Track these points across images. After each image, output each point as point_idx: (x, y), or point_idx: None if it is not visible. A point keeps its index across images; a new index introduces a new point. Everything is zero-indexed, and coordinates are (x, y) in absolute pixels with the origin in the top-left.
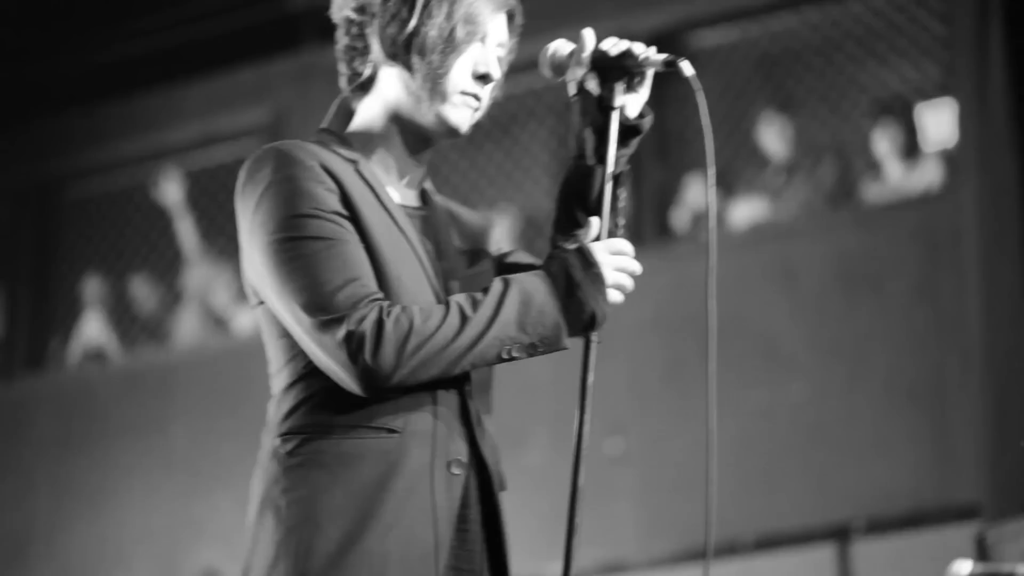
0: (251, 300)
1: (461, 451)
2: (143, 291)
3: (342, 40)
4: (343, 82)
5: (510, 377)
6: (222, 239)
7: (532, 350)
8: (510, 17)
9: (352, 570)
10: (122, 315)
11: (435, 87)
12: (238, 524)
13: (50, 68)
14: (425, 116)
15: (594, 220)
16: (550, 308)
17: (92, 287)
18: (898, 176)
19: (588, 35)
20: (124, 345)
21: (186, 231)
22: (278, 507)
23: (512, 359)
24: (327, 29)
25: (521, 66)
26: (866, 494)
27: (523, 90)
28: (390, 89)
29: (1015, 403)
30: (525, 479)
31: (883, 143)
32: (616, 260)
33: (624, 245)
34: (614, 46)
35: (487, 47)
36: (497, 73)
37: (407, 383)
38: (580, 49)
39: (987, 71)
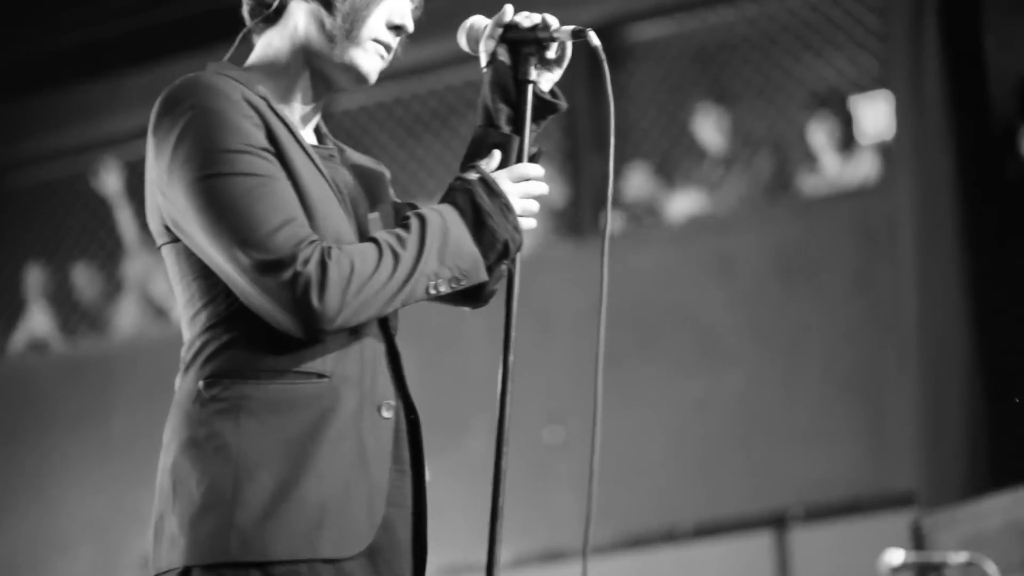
0: (157, 239)
1: (389, 393)
2: (83, 280)
3: None
4: (246, 11)
5: (453, 363)
6: None
7: (455, 283)
8: None
9: (288, 519)
10: (63, 305)
11: (352, 29)
12: None
13: None
14: (336, 58)
15: (495, 151)
16: (465, 240)
17: (34, 277)
18: (835, 168)
19: (507, 8)
20: (65, 335)
21: (126, 221)
22: (201, 453)
23: (439, 294)
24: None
25: (460, 57)
26: (803, 482)
27: (462, 81)
28: (301, 25)
29: (950, 393)
30: (466, 466)
31: (819, 136)
32: (521, 187)
33: (528, 169)
34: (526, 18)
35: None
36: (411, 26)
37: (348, 324)
38: (496, 21)
39: (922, 65)
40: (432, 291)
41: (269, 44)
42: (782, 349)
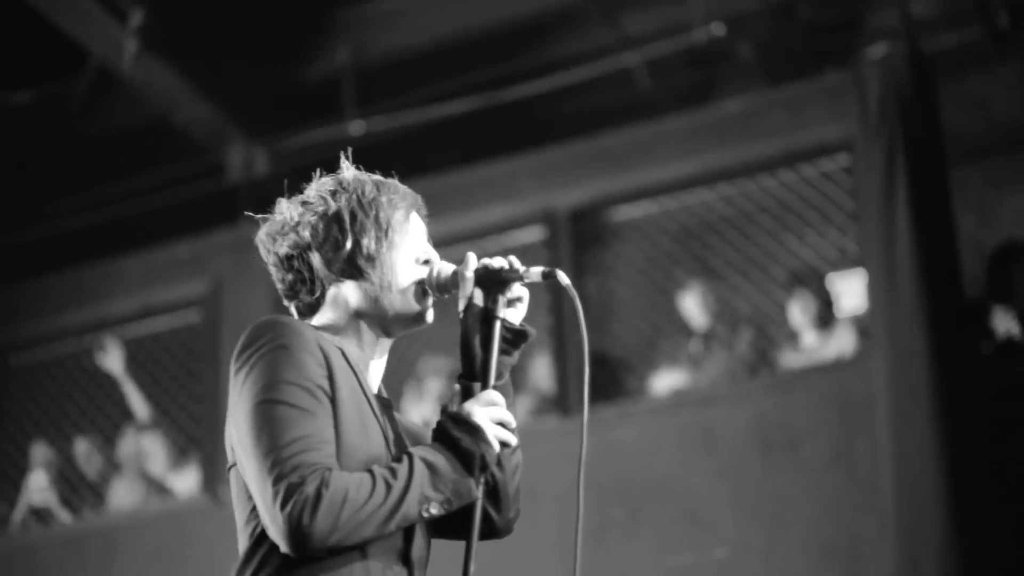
0: (228, 460)
1: None
2: (84, 455)
3: (284, 276)
4: (294, 312)
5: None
6: (157, 407)
7: (448, 504)
8: (419, 212)
9: None
10: (66, 479)
11: (391, 285)
12: None
13: None
14: (388, 313)
15: (457, 390)
16: (447, 466)
17: (38, 450)
18: (813, 343)
19: (471, 256)
20: (68, 508)
21: (133, 396)
22: None
23: (431, 515)
24: (263, 203)
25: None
26: None
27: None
28: (347, 299)
29: (927, 564)
30: None
31: (798, 312)
32: (489, 411)
33: (493, 396)
34: (495, 262)
35: (416, 239)
36: (435, 256)
37: (344, 544)
38: (464, 267)
39: (894, 243)
40: (425, 514)
41: (327, 317)
42: (764, 520)
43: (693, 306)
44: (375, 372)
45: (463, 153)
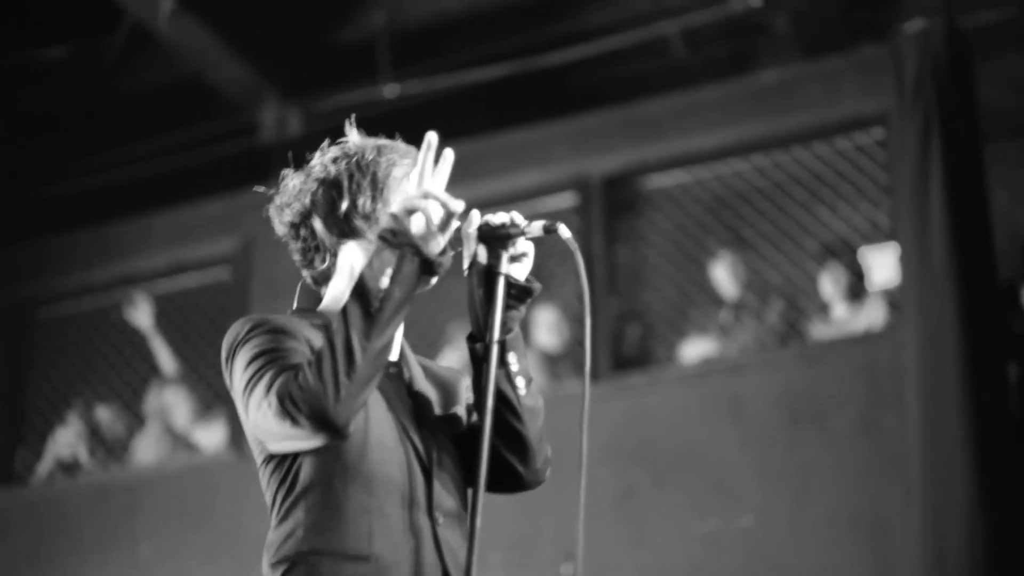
0: (256, 459)
1: (435, 573)
2: (111, 410)
3: (296, 246)
4: (310, 282)
5: None
6: (185, 363)
7: (411, 253)
8: None
9: None
10: (93, 431)
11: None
12: None
13: (25, 196)
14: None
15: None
16: (370, 268)
17: (65, 404)
18: (843, 315)
19: (474, 213)
20: (94, 462)
21: (161, 351)
22: None
23: (389, 296)
24: (296, 163)
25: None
26: None
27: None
28: (352, 261)
29: (954, 537)
30: None
31: (829, 284)
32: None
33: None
34: (496, 218)
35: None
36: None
37: (357, 397)
38: (466, 225)
39: (927, 218)
40: (377, 302)
41: (335, 288)
42: (790, 490)
43: (724, 276)
44: None
45: (497, 118)
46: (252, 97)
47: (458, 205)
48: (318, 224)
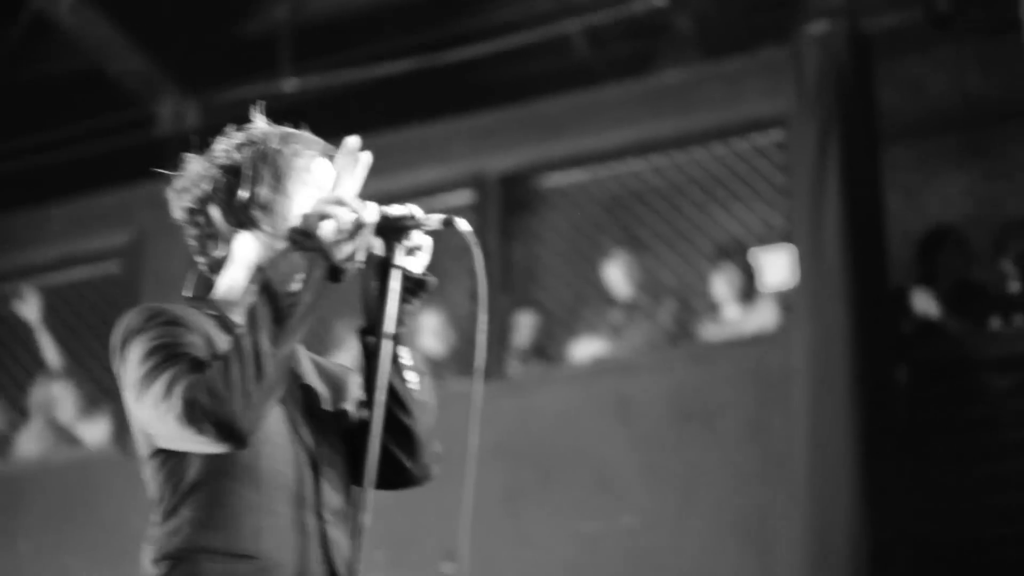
0: (140, 454)
1: (320, 573)
2: None
3: (192, 232)
4: (204, 270)
5: None
6: (72, 358)
7: (286, 279)
8: (332, 160)
9: None
10: None
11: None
12: None
13: None
14: None
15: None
16: (274, 270)
17: None
18: (735, 316)
19: (371, 205)
20: None
21: (47, 345)
22: None
23: (301, 303)
24: (190, 156)
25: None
26: None
27: None
28: (246, 252)
29: (837, 540)
30: None
31: (722, 285)
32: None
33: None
34: (395, 210)
35: (320, 187)
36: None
37: (258, 407)
38: (365, 216)
39: (822, 220)
40: (289, 300)
41: (228, 278)
42: (675, 491)
43: (617, 275)
44: None
45: (397, 114)
46: (151, 89)
47: (371, 215)
48: (215, 212)
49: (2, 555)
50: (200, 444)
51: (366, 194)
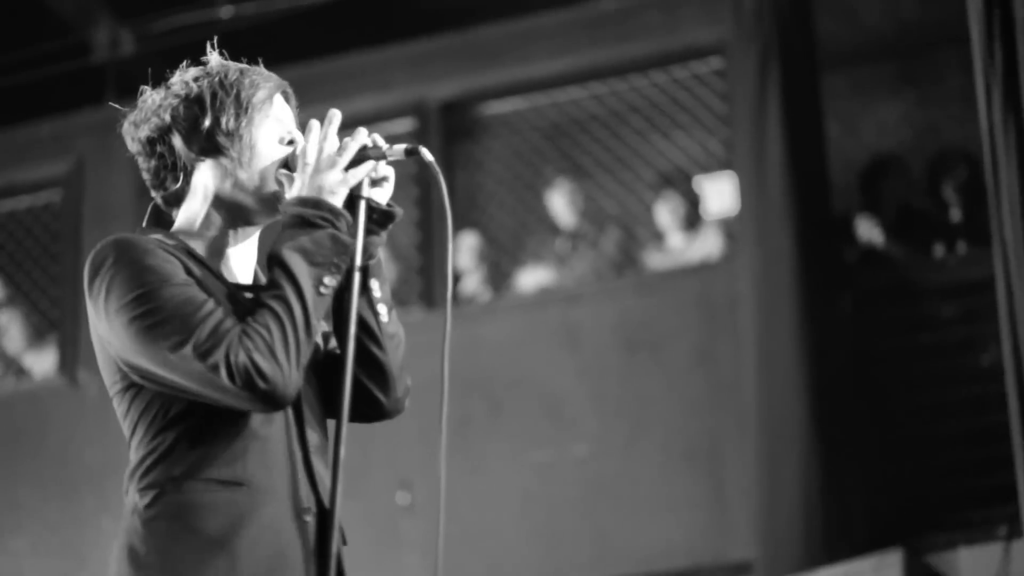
0: (110, 390)
1: (310, 500)
2: None
3: (148, 163)
4: (160, 202)
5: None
6: (17, 287)
7: (337, 269)
8: (286, 97)
9: None
10: None
11: (251, 163)
12: (32, 567)
13: None
14: (248, 194)
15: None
16: (311, 238)
17: None
18: (679, 245)
19: (360, 131)
20: None
21: None
22: (137, 556)
23: (330, 288)
24: (128, 83)
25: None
26: (644, 550)
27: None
28: (207, 182)
29: (787, 466)
30: None
31: (665, 214)
32: (316, 176)
33: (310, 155)
34: (357, 140)
35: (280, 121)
36: (300, 137)
37: (300, 375)
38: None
39: (764, 148)
40: (324, 290)
41: (188, 210)
42: (625, 419)
43: (560, 204)
44: (239, 260)
45: (334, 42)
46: (85, 16)
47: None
48: (177, 140)
49: None
50: (237, 401)
51: (307, 123)
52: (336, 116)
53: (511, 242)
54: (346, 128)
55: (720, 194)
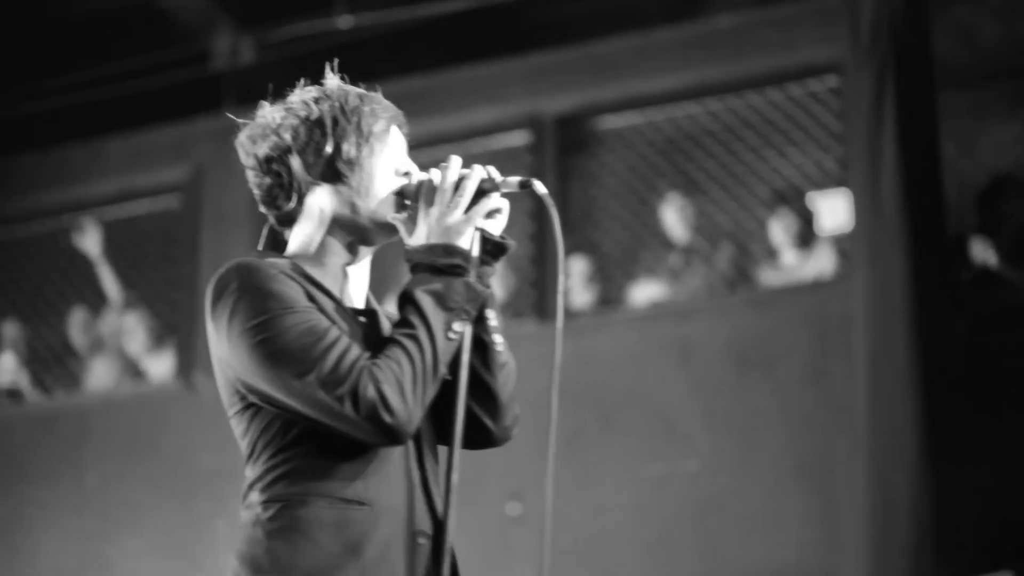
0: (228, 410)
1: (425, 523)
2: (80, 324)
3: (262, 180)
4: (272, 220)
5: None
6: (135, 290)
7: (467, 314)
8: (400, 126)
9: None
10: (39, 358)
11: (369, 192)
12: (148, 567)
13: None
14: (365, 221)
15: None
16: (443, 283)
17: (8, 329)
18: (792, 262)
19: (477, 168)
20: (39, 389)
21: (107, 279)
22: (260, 565)
23: (459, 333)
24: (247, 91)
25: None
26: (754, 567)
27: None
28: (323, 207)
29: (899, 485)
30: None
31: (779, 231)
32: (443, 219)
33: (436, 206)
34: (475, 173)
35: (396, 151)
36: (415, 169)
37: (421, 413)
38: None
39: (879, 167)
40: (453, 336)
41: (303, 233)
42: (737, 435)
43: (674, 219)
44: (354, 285)
45: (452, 54)
46: (205, 24)
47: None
48: (296, 162)
49: (70, 488)
50: (357, 431)
51: (423, 136)
52: (456, 162)
53: (624, 256)
54: (461, 140)
55: (834, 212)
